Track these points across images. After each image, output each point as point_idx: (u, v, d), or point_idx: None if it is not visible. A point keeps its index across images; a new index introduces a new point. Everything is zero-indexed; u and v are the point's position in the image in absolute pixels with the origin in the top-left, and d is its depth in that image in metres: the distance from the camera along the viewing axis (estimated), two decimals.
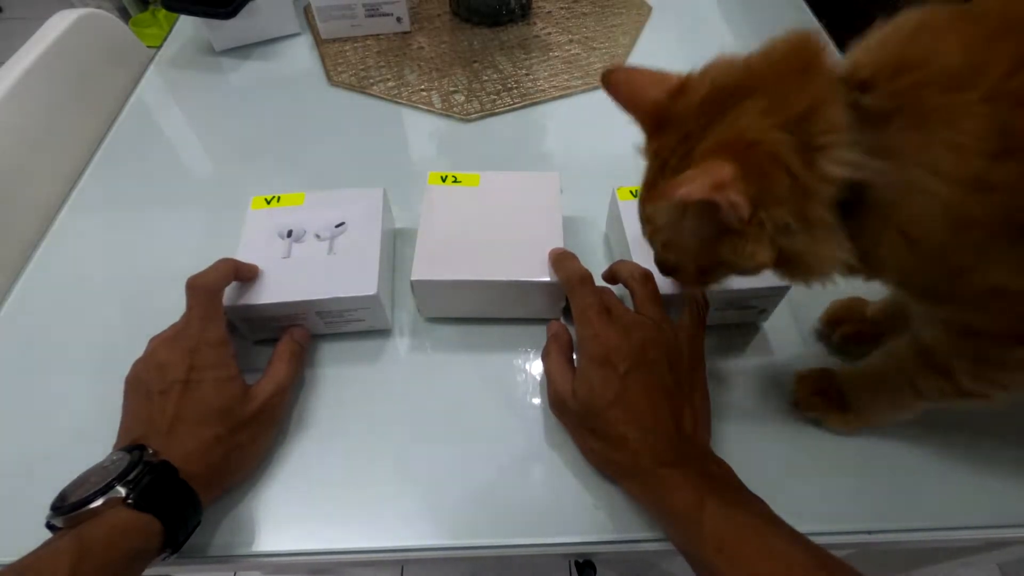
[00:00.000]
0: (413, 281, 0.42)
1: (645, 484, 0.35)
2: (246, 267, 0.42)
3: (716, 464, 0.36)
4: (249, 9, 0.70)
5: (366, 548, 0.37)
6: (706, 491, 0.32)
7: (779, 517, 0.33)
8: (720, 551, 0.30)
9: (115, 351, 0.39)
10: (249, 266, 0.42)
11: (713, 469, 0.35)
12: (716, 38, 0.73)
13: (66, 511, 0.30)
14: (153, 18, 1.97)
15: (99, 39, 0.69)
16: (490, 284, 0.42)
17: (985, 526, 0.37)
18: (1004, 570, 1.03)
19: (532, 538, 0.37)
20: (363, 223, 0.45)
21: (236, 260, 0.42)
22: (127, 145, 0.63)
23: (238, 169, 0.60)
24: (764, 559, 0.30)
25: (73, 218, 0.56)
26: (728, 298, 0.42)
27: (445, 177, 0.48)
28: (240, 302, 0.41)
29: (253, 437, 0.38)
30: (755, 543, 0.31)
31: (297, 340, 0.42)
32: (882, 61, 0.27)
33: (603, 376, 0.36)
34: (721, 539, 0.31)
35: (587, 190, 0.51)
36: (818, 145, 0.26)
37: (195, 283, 0.39)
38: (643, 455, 0.34)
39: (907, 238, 0.27)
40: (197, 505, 0.34)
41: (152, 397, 0.36)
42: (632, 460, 0.35)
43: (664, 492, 0.34)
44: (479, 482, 0.39)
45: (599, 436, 0.36)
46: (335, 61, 0.71)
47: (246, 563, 0.37)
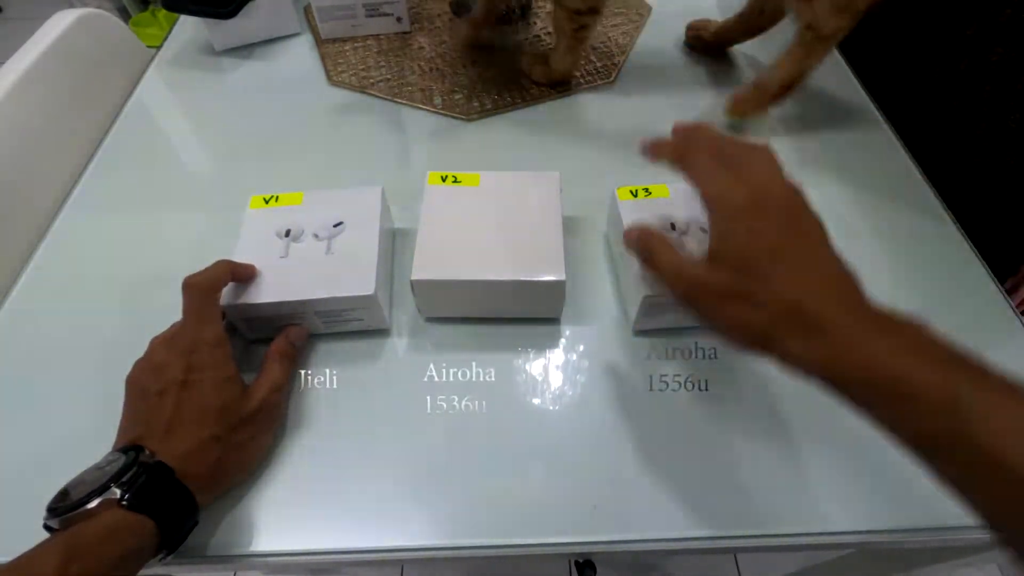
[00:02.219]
0: (413, 281, 0.42)
1: (842, 354, 0.28)
2: (243, 268, 0.42)
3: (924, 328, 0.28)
4: (249, 9, 0.70)
5: (366, 548, 0.37)
6: (950, 368, 0.26)
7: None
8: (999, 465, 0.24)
9: (115, 351, 0.39)
10: (246, 266, 0.42)
11: (928, 334, 0.28)
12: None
13: (61, 512, 0.30)
14: (153, 18, 1.97)
15: (99, 39, 0.69)
16: (491, 284, 0.42)
17: (985, 526, 0.37)
18: (1004, 570, 1.03)
19: (532, 538, 0.37)
20: (361, 223, 0.45)
21: (233, 261, 0.42)
22: (127, 145, 0.63)
23: (238, 169, 0.60)
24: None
25: (73, 218, 0.56)
26: None
27: (445, 177, 0.48)
28: (238, 302, 0.41)
29: (252, 436, 0.38)
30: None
31: (291, 340, 0.42)
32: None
33: (756, 227, 0.31)
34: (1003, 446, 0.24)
35: (587, 190, 0.51)
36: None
37: (190, 283, 0.39)
38: (830, 318, 0.28)
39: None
40: (193, 506, 0.34)
41: (150, 397, 0.36)
42: (815, 325, 0.28)
43: (880, 365, 0.27)
44: (479, 482, 0.39)
45: (757, 305, 0.30)
46: (335, 61, 0.71)
47: (245, 563, 0.37)
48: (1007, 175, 0.56)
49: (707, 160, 0.34)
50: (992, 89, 0.56)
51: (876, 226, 0.53)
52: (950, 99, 0.60)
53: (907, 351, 0.27)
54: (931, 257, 0.51)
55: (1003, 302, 0.48)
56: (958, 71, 0.59)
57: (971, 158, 0.59)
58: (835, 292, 0.30)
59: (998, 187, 0.57)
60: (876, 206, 0.54)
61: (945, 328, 0.46)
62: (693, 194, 0.39)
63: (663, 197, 0.47)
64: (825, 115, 0.63)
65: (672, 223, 0.45)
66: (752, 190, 0.32)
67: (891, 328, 0.28)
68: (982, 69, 0.56)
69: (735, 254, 0.32)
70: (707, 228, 0.44)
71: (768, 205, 0.32)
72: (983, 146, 0.57)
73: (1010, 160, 0.55)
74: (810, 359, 0.29)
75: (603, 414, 0.42)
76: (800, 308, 0.29)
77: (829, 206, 0.55)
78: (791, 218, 0.32)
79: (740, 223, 0.32)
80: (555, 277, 0.42)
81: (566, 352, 0.45)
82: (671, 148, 0.37)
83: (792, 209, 0.32)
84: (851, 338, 0.28)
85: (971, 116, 0.58)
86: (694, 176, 0.35)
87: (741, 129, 0.59)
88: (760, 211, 0.32)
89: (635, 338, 0.45)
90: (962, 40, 0.58)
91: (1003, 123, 0.55)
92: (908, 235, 0.52)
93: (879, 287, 0.47)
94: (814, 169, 0.58)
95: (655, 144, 0.38)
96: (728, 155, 0.34)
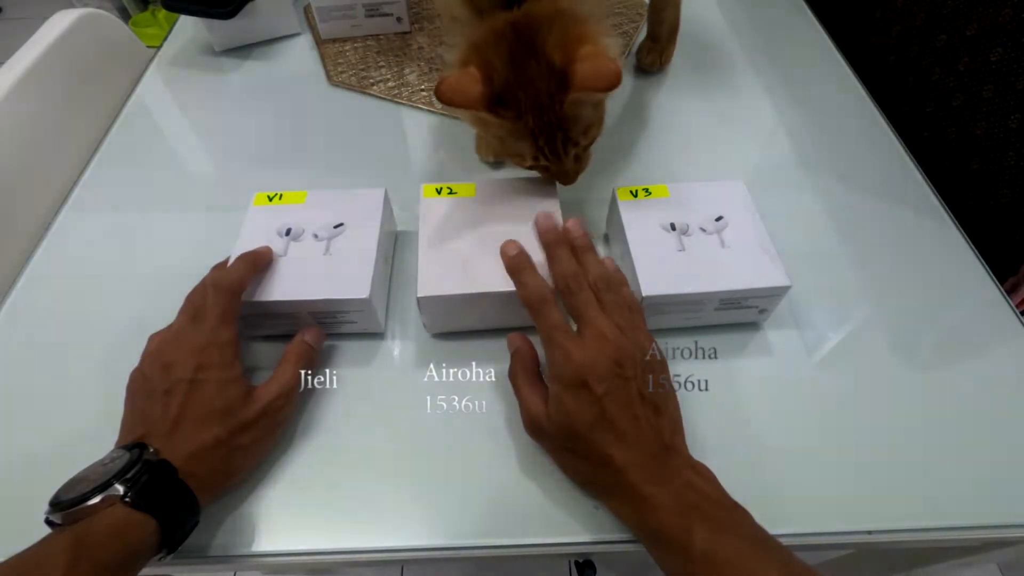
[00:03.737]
0: (420, 298, 0.41)
1: (631, 503, 0.34)
2: (261, 257, 0.42)
3: (698, 473, 0.35)
4: (249, 9, 0.70)
5: (366, 548, 0.37)
6: (695, 516, 0.32)
7: (767, 534, 0.32)
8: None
9: (115, 350, 0.39)
10: (263, 254, 0.42)
11: (697, 482, 0.34)
12: (716, 38, 0.73)
13: (64, 507, 0.30)
14: (153, 18, 1.97)
15: (99, 39, 0.69)
16: (498, 296, 0.42)
17: (985, 526, 0.37)
18: (1004, 570, 1.03)
19: (532, 538, 0.37)
20: (362, 225, 0.45)
21: (252, 252, 0.42)
22: (127, 145, 0.63)
23: (238, 169, 0.60)
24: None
25: (73, 218, 0.56)
26: (728, 298, 0.42)
27: (440, 189, 0.48)
28: None
29: (255, 439, 0.37)
30: (746, 572, 0.30)
31: (308, 341, 0.42)
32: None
33: (580, 400, 0.35)
34: (711, 570, 0.30)
35: (587, 190, 0.51)
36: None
37: (220, 284, 0.39)
38: (629, 472, 0.34)
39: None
40: (195, 506, 0.34)
41: (156, 395, 0.36)
42: (617, 478, 0.34)
43: (650, 514, 0.33)
44: (479, 482, 0.39)
45: (581, 456, 0.36)
46: (335, 61, 0.71)
47: (246, 563, 0.37)
48: (1007, 175, 0.56)
49: (550, 320, 0.37)
50: (992, 89, 0.56)
51: (876, 226, 0.53)
52: (950, 99, 0.60)
53: (672, 502, 0.33)
54: (931, 257, 0.51)
55: (1003, 302, 0.48)
56: (958, 71, 0.59)
57: (971, 158, 0.59)
58: (640, 450, 0.34)
59: (998, 187, 0.57)
60: (876, 206, 0.55)
61: (945, 328, 0.47)
62: (693, 194, 0.39)
63: (663, 197, 0.47)
64: (825, 115, 0.63)
65: (672, 223, 0.45)
66: (579, 366, 0.35)
67: (669, 481, 0.34)
68: (982, 69, 0.56)
69: (565, 421, 0.35)
70: (708, 230, 0.44)
71: (593, 378, 0.35)
72: (983, 146, 0.57)
73: (1010, 160, 0.55)
74: (611, 507, 0.36)
75: None
76: (610, 465, 0.34)
77: (829, 206, 0.56)
78: (613, 386, 0.35)
79: (570, 395, 0.35)
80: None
81: None
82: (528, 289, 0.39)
83: (617, 375, 0.35)
84: (637, 492, 0.33)
85: (971, 116, 0.58)
86: (540, 332, 0.38)
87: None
88: (586, 385, 0.35)
89: None
90: (962, 40, 0.58)
91: (1003, 123, 0.55)
92: (908, 235, 0.52)
93: (879, 287, 0.48)
94: (814, 169, 0.58)
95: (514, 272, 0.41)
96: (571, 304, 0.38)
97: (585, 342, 0.36)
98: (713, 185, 0.48)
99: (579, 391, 0.35)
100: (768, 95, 0.66)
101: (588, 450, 0.35)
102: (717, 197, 0.47)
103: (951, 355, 0.45)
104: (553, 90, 0.40)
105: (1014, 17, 0.53)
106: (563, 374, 0.36)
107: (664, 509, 0.33)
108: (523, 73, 0.40)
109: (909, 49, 0.66)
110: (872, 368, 0.38)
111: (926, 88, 0.63)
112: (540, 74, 0.40)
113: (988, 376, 0.44)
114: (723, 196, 0.47)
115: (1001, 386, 0.43)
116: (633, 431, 0.35)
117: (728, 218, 0.45)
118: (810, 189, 0.56)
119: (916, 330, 0.46)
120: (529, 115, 0.40)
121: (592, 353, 0.35)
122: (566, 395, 0.35)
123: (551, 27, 0.40)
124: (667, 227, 0.45)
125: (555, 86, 0.40)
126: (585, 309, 0.38)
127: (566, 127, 0.42)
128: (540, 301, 0.38)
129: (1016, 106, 0.54)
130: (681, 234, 0.44)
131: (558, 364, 0.36)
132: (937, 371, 0.44)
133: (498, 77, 0.40)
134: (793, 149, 0.60)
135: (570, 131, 0.42)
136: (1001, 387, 0.43)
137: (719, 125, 0.63)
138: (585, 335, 0.37)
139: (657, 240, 0.44)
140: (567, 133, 0.42)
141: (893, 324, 0.46)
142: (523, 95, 0.40)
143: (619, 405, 0.35)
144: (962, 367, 0.44)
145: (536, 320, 0.38)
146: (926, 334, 0.46)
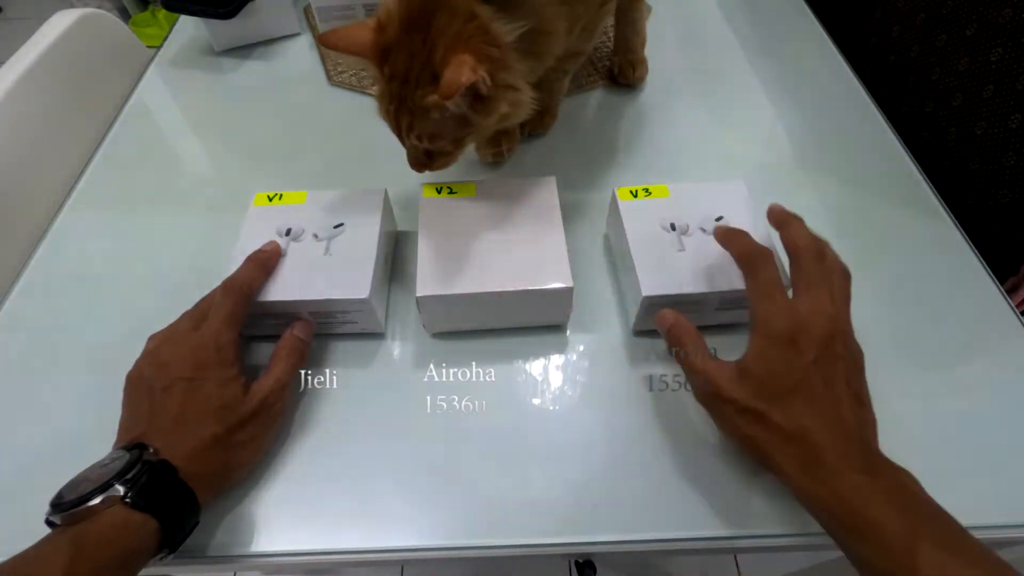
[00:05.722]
0: (419, 297, 0.41)
1: (827, 486, 0.31)
2: (269, 256, 0.42)
3: (910, 479, 0.31)
4: (249, 9, 0.70)
5: (366, 548, 0.37)
6: (917, 522, 0.29)
7: (1004, 561, 0.29)
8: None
9: (115, 351, 0.39)
10: (271, 253, 0.43)
11: (912, 485, 0.31)
12: (716, 38, 0.73)
13: (64, 508, 0.30)
14: (153, 18, 1.97)
15: (99, 39, 0.69)
16: (498, 295, 0.42)
17: (985, 526, 0.37)
18: None
19: (532, 538, 0.37)
20: (362, 225, 0.45)
21: (260, 252, 0.42)
22: (127, 145, 0.63)
23: (238, 169, 0.60)
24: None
25: (73, 218, 0.56)
26: (728, 298, 0.42)
27: (440, 189, 0.48)
28: None
29: (252, 436, 0.37)
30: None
31: (298, 335, 0.42)
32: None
33: (787, 358, 0.33)
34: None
35: (587, 190, 0.51)
36: (491, 27, 0.39)
37: (233, 286, 0.40)
38: (827, 451, 0.31)
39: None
40: (195, 505, 0.34)
41: (154, 395, 0.36)
42: (812, 455, 0.31)
43: (857, 503, 0.30)
44: (479, 482, 0.39)
45: (768, 425, 0.33)
46: (335, 61, 0.71)
47: (245, 563, 0.37)
48: (1007, 175, 0.56)
49: (770, 275, 0.36)
50: (992, 89, 0.56)
51: (876, 226, 0.53)
52: (950, 99, 0.60)
53: (885, 498, 0.30)
54: (931, 257, 0.51)
55: (1003, 302, 0.48)
56: (958, 71, 0.59)
57: (971, 158, 0.59)
58: (841, 432, 0.32)
59: (998, 187, 0.57)
60: (876, 206, 0.54)
61: (945, 328, 0.47)
62: (693, 194, 0.39)
63: (663, 197, 0.47)
64: (825, 115, 0.63)
65: (672, 223, 0.45)
66: (795, 323, 0.34)
67: (878, 474, 0.31)
68: (982, 69, 0.56)
69: (763, 378, 0.34)
70: (708, 230, 0.44)
71: (806, 340, 0.33)
72: (983, 146, 0.57)
73: (1010, 160, 0.55)
74: (799, 484, 0.32)
75: (603, 414, 0.42)
76: (804, 439, 0.32)
77: (829, 206, 0.56)
78: (823, 356, 0.33)
79: (776, 351, 0.34)
80: (562, 284, 0.42)
81: (566, 352, 0.45)
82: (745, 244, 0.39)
83: (827, 348, 0.33)
84: (839, 475, 0.31)
85: (971, 116, 0.58)
86: (752, 287, 0.37)
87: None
88: (796, 344, 0.33)
89: (635, 338, 0.45)
90: (962, 40, 0.58)
91: (1003, 123, 0.55)
92: (908, 235, 0.52)
93: (879, 287, 0.48)
94: (814, 169, 0.58)
95: (728, 233, 0.40)
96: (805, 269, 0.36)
97: (804, 304, 0.35)
98: (713, 185, 0.48)
99: (787, 348, 0.33)
100: (768, 95, 0.66)
101: (783, 417, 0.32)
102: (717, 197, 0.47)
103: (951, 355, 0.45)
104: (421, 78, 0.39)
105: (1014, 17, 0.53)
106: (775, 328, 0.34)
107: (875, 503, 0.29)
108: (409, 43, 0.39)
109: (909, 49, 0.65)
110: (871, 368, 0.37)
111: (926, 88, 0.63)
112: (419, 54, 0.39)
113: (988, 376, 0.43)
114: (723, 196, 0.47)
115: (1001, 386, 0.43)
116: (833, 411, 0.32)
117: (728, 218, 0.45)
118: (810, 189, 0.56)
119: (916, 330, 0.46)
120: (396, 80, 0.40)
121: (809, 315, 0.34)
122: (773, 350, 0.34)
123: (448, 11, 0.38)
124: (667, 227, 0.45)
125: (427, 77, 0.39)
126: (818, 280, 0.36)
127: (414, 115, 0.41)
128: (761, 256, 0.37)
129: (1016, 106, 0.54)
130: (681, 234, 0.44)
131: (772, 316, 0.35)
132: (937, 371, 0.44)
133: (390, 33, 0.40)
134: (793, 149, 0.60)
135: (415, 121, 0.41)
136: (1001, 387, 0.43)
137: (719, 125, 0.63)
138: (803, 301, 0.35)
139: (657, 240, 0.44)
140: (412, 122, 0.41)
141: (893, 324, 0.46)
142: (400, 60, 0.40)
143: (824, 379, 0.33)
144: (962, 367, 0.44)
145: (753, 276, 0.37)
146: (926, 334, 0.46)
